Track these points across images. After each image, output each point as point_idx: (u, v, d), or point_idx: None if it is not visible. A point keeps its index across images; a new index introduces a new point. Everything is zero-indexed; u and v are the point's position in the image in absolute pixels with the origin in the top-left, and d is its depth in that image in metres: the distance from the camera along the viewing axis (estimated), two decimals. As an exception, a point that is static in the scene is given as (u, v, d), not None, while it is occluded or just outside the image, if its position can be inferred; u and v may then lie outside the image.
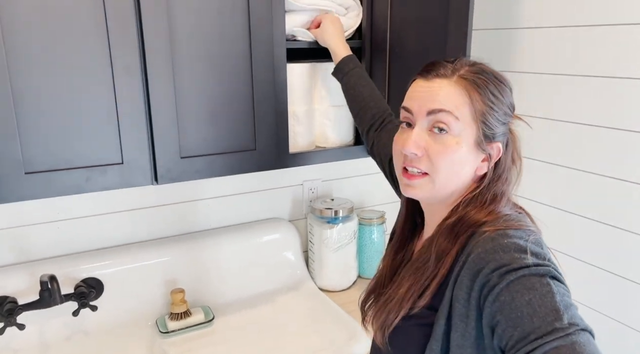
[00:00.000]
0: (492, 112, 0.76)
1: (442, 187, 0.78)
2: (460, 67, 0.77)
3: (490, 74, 0.78)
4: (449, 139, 0.76)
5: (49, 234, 1.33)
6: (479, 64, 0.79)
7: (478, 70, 0.77)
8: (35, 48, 0.95)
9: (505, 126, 0.78)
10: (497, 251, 0.69)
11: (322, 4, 1.26)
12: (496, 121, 0.76)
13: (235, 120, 1.18)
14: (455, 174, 0.78)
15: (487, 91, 0.76)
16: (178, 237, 1.48)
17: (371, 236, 1.65)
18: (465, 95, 0.75)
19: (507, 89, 0.79)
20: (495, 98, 0.76)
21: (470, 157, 0.77)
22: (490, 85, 0.76)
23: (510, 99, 0.79)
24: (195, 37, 1.09)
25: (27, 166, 0.98)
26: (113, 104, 1.03)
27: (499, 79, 0.78)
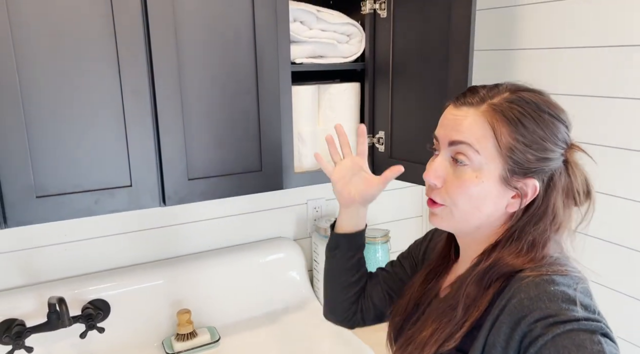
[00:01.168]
0: (523, 147, 0.69)
1: (463, 220, 0.74)
2: (496, 94, 0.71)
3: (531, 104, 0.70)
4: (467, 173, 0.71)
5: (56, 256, 1.34)
6: (522, 91, 0.72)
7: (515, 100, 0.70)
8: (47, 74, 0.97)
9: (546, 162, 0.70)
10: (542, 299, 0.63)
11: (324, 35, 1.29)
12: (530, 156, 0.69)
13: (241, 142, 1.20)
14: (475, 209, 0.72)
15: (518, 124, 0.69)
16: (184, 258, 1.49)
17: (375, 255, 1.66)
18: (489, 127, 0.69)
19: (554, 122, 0.70)
20: (529, 132, 0.69)
21: (494, 192, 0.71)
22: (525, 117, 0.69)
23: (559, 132, 0.70)
24: (202, 62, 1.11)
25: (39, 190, 1.00)
26: (122, 128, 1.05)
27: (542, 110, 0.70)
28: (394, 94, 1.33)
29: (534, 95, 0.72)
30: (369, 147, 1.42)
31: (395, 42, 1.30)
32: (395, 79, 1.32)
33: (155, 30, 1.05)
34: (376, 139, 1.40)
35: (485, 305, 0.69)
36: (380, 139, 1.39)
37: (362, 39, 1.35)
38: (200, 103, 1.13)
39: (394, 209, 1.83)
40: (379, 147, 1.39)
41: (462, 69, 1.14)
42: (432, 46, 1.21)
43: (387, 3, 1.29)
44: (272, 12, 1.16)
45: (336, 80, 1.46)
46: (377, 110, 1.39)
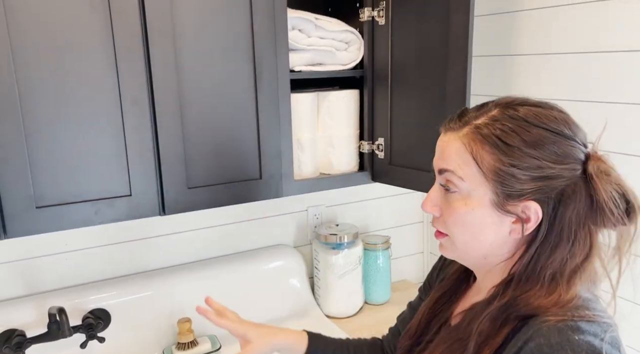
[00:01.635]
0: (510, 169, 0.63)
1: (466, 250, 0.70)
2: (482, 114, 0.67)
3: (518, 120, 0.64)
4: (456, 200, 0.67)
5: (56, 266, 1.34)
6: (514, 106, 0.66)
7: (500, 117, 0.65)
8: (45, 84, 0.97)
9: (546, 181, 0.63)
10: (564, 349, 0.57)
11: (322, 43, 1.29)
12: (522, 176, 0.63)
13: (240, 150, 1.20)
14: (473, 238, 0.68)
15: (500, 143, 0.63)
16: (184, 266, 1.48)
17: (376, 261, 1.66)
18: (467, 152, 0.65)
19: (549, 136, 0.63)
20: (514, 150, 0.62)
21: (489, 219, 0.66)
22: (508, 135, 0.63)
23: (559, 147, 0.63)
24: (201, 71, 1.11)
25: (38, 200, 1.00)
26: (122, 137, 1.06)
27: (531, 125, 0.63)
28: (393, 101, 1.33)
29: (527, 109, 0.65)
30: (369, 154, 1.42)
31: (394, 49, 1.30)
32: (394, 86, 1.32)
33: (154, 40, 1.05)
34: (375, 145, 1.40)
35: (499, 343, 0.64)
36: (379, 146, 1.39)
37: (361, 46, 1.35)
38: (199, 112, 1.13)
39: (395, 215, 1.83)
40: (378, 154, 1.39)
41: (461, 75, 1.14)
42: (430, 53, 1.21)
43: (385, 10, 1.29)
44: (271, 21, 1.16)
45: (335, 87, 1.46)
46: (376, 116, 1.39)
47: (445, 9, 1.14)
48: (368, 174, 1.43)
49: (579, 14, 1.25)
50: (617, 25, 1.18)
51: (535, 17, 1.35)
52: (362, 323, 1.57)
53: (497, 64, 1.47)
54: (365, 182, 1.43)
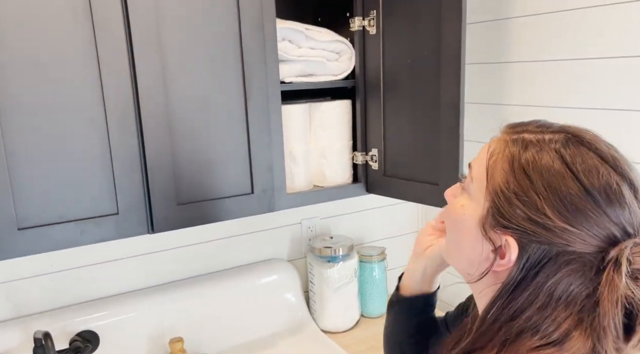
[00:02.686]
0: (511, 195, 0.55)
1: (450, 253, 0.66)
2: (542, 130, 0.58)
3: (560, 157, 0.54)
4: (461, 197, 0.63)
5: (42, 287, 1.29)
6: (575, 140, 0.55)
7: (547, 143, 0.55)
8: (27, 102, 0.94)
9: (541, 229, 0.53)
10: None
11: (313, 54, 1.27)
12: (518, 209, 0.54)
13: (231, 164, 1.17)
14: (456, 243, 0.63)
15: (518, 167, 0.55)
16: (174, 284, 1.44)
17: (372, 274, 1.63)
18: (486, 158, 0.59)
19: (579, 191, 0.52)
20: (527, 181, 0.54)
21: (473, 233, 0.59)
22: (536, 166, 0.54)
23: (572, 204, 0.52)
24: (190, 83, 1.09)
25: (20, 221, 0.96)
26: (107, 154, 1.02)
27: (570, 169, 0.53)
28: (386, 111, 1.31)
29: (584, 153, 0.54)
30: (363, 165, 1.39)
31: (386, 58, 1.28)
32: (387, 96, 1.30)
33: (140, 53, 1.02)
34: (369, 156, 1.37)
35: None
36: (373, 157, 1.36)
37: (352, 56, 1.33)
38: (188, 126, 1.10)
39: (390, 226, 1.80)
40: (372, 165, 1.37)
41: (454, 84, 1.12)
42: (423, 61, 1.19)
43: (376, 20, 1.27)
44: (260, 32, 1.14)
45: (327, 97, 1.44)
46: (369, 127, 1.37)
47: (437, 18, 1.13)
48: (362, 185, 1.40)
49: (572, 21, 1.23)
50: (611, 31, 1.17)
51: (528, 25, 1.33)
52: (359, 337, 1.54)
53: (489, 72, 1.46)
54: (360, 194, 1.41)
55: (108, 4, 0.98)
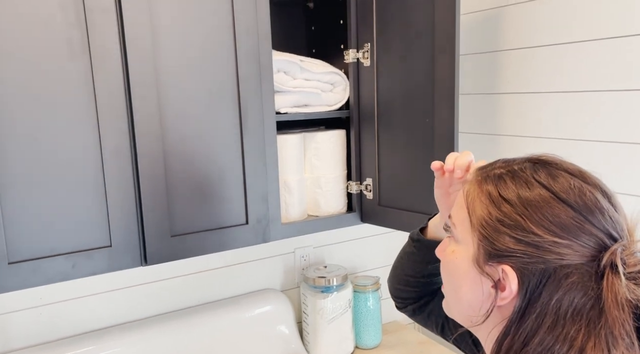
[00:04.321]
0: (496, 223, 0.55)
1: (451, 305, 0.65)
2: (509, 163, 0.60)
3: (530, 176, 0.56)
4: (449, 245, 0.63)
5: (30, 321, 1.26)
6: (545, 163, 0.58)
7: (517, 169, 0.58)
8: (21, 134, 0.93)
9: (534, 249, 0.53)
10: None
11: (308, 85, 1.28)
12: (507, 237, 0.55)
13: (226, 195, 1.16)
14: (454, 292, 0.62)
15: (496, 193, 0.57)
16: (166, 316, 1.42)
17: (367, 304, 1.61)
18: (464, 196, 0.60)
19: (555, 204, 0.54)
20: (507, 204, 0.55)
21: (470, 275, 0.59)
22: (510, 188, 0.56)
23: (557, 217, 0.53)
24: (185, 116, 1.09)
25: (11, 256, 0.94)
26: (102, 186, 1.01)
27: (544, 185, 0.55)
28: (380, 141, 1.31)
29: (551, 171, 0.57)
30: (358, 195, 1.39)
31: (380, 89, 1.29)
32: (381, 126, 1.31)
33: (137, 87, 1.02)
34: (364, 186, 1.38)
35: None
36: (367, 186, 1.36)
37: (346, 87, 1.35)
38: (183, 157, 1.09)
39: (383, 254, 1.79)
40: (367, 194, 1.37)
41: (448, 115, 1.14)
42: (417, 93, 1.20)
43: (370, 52, 1.29)
44: (256, 64, 1.15)
45: (321, 127, 1.45)
46: (364, 157, 1.37)
47: (430, 50, 1.15)
48: (357, 215, 1.40)
49: (560, 54, 1.26)
50: (596, 64, 1.19)
51: (517, 57, 1.36)
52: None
53: (481, 102, 1.48)
54: (355, 223, 1.40)
55: (105, 38, 0.98)
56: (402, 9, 1.20)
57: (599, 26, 1.18)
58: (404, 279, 0.90)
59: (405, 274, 0.90)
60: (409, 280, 0.89)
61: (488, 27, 1.43)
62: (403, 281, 0.90)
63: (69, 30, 0.95)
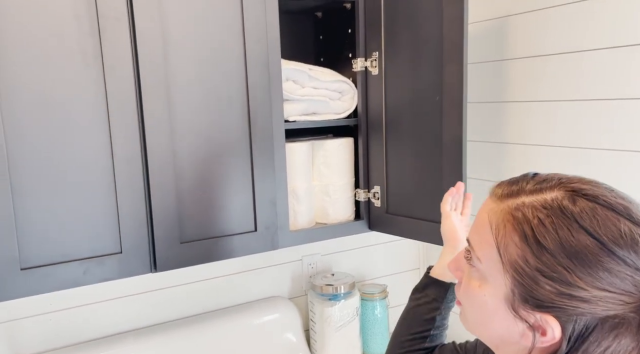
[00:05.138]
0: (534, 273, 0.51)
1: (476, 330, 0.61)
2: (539, 190, 0.54)
3: (570, 217, 0.51)
4: (474, 278, 0.58)
5: (41, 327, 1.27)
6: (581, 195, 0.52)
7: (552, 205, 0.52)
8: (35, 141, 0.95)
9: (576, 302, 0.50)
10: None
11: (316, 93, 1.29)
12: (548, 286, 0.51)
13: (235, 202, 1.17)
14: (482, 325, 0.59)
15: (532, 240, 0.51)
16: (174, 323, 1.42)
17: (374, 312, 1.60)
18: (492, 233, 0.54)
19: (604, 252, 0.49)
20: (547, 254, 0.50)
21: (500, 313, 0.55)
22: (549, 234, 0.50)
23: (603, 269, 0.49)
24: (195, 125, 1.10)
25: (23, 262, 0.95)
26: (113, 193, 1.02)
27: (586, 230, 0.50)
28: (389, 149, 1.32)
29: (592, 206, 0.51)
30: (366, 203, 1.40)
31: (388, 98, 1.30)
32: (389, 134, 1.31)
33: (148, 95, 1.03)
34: (372, 194, 1.38)
35: None
36: (375, 194, 1.37)
37: (354, 95, 1.35)
38: (193, 165, 1.10)
39: (391, 263, 1.79)
40: (375, 202, 1.37)
41: (457, 124, 1.14)
42: (425, 101, 1.21)
43: (378, 61, 1.30)
44: (265, 73, 1.16)
45: (329, 135, 1.46)
46: (372, 165, 1.38)
47: (439, 59, 1.15)
48: (365, 223, 1.41)
49: (567, 62, 1.27)
50: (605, 73, 1.20)
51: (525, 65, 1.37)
52: (361, 378, 1.51)
53: (489, 110, 1.48)
54: (362, 231, 1.41)
55: (118, 46, 1.00)
56: (410, 18, 1.21)
57: (606, 34, 1.19)
58: (407, 343, 0.89)
59: (410, 333, 0.89)
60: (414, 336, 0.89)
61: (495, 36, 1.44)
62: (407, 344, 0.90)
63: (83, 39, 0.97)
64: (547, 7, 1.29)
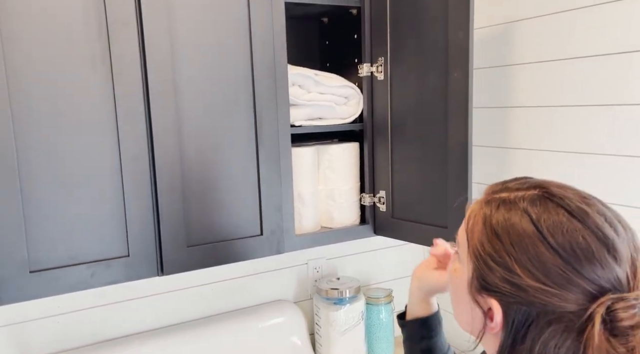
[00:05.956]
0: (487, 257, 0.55)
1: (456, 317, 0.65)
2: (521, 189, 0.58)
3: (530, 214, 0.54)
4: (454, 260, 0.65)
5: (48, 329, 1.28)
6: (550, 198, 0.55)
7: (521, 202, 0.55)
8: (45, 146, 0.96)
9: (517, 290, 0.53)
10: None
11: (322, 98, 1.30)
12: (494, 270, 0.55)
13: (241, 206, 1.17)
14: (456, 307, 0.63)
15: (490, 227, 0.56)
16: (179, 326, 1.43)
17: (379, 316, 1.61)
18: (466, 221, 0.60)
19: (548, 250, 0.52)
20: (498, 241, 0.54)
21: (465, 297, 0.59)
22: (505, 225, 0.55)
23: (542, 264, 0.52)
24: (202, 129, 1.11)
25: (33, 264, 0.96)
26: (121, 197, 1.03)
27: (538, 228, 0.53)
28: (394, 154, 1.33)
29: (555, 211, 0.54)
30: (371, 207, 1.40)
31: (393, 103, 1.31)
32: (395, 139, 1.32)
33: (155, 99, 1.04)
34: (377, 198, 1.38)
35: None
36: (381, 199, 1.37)
37: (360, 100, 1.36)
38: (200, 169, 1.11)
39: (396, 267, 1.79)
40: (380, 206, 1.38)
41: (462, 129, 1.15)
42: (430, 107, 1.22)
43: (383, 66, 1.31)
44: (272, 77, 1.17)
45: (334, 140, 1.46)
46: (377, 169, 1.38)
47: (444, 65, 1.16)
48: (370, 227, 1.41)
49: (573, 67, 1.27)
50: (610, 78, 1.20)
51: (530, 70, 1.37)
52: (366, 382, 1.51)
53: (494, 115, 1.49)
54: (368, 235, 1.41)
55: (126, 50, 1.01)
56: (416, 24, 1.22)
57: (611, 40, 1.19)
58: None
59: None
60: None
61: (500, 42, 1.44)
62: None
63: (92, 43, 0.98)
64: (552, 13, 1.30)
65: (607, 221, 0.53)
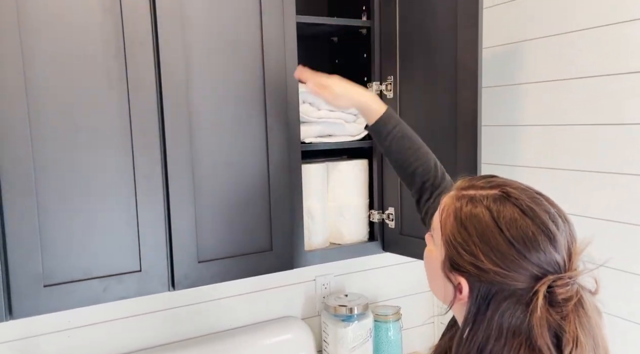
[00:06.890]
0: (456, 244, 0.69)
1: (430, 285, 0.78)
2: (484, 187, 0.71)
3: (491, 211, 0.67)
4: (430, 241, 0.77)
5: (59, 344, 1.28)
6: (508, 198, 0.68)
7: (483, 200, 0.68)
8: (61, 161, 0.98)
9: (477, 271, 0.67)
10: None
11: (332, 115, 1.32)
12: (462, 255, 0.68)
13: (251, 222, 1.19)
14: (431, 280, 0.77)
15: (459, 221, 0.69)
16: (188, 342, 1.43)
17: (387, 334, 1.60)
18: (439, 212, 0.72)
19: (504, 240, 0.65)
20: (465, 233, 0.68)
21: (439, 274, 0.72)
22: (471, 220, 0.68)
23: (499, 251, 0.65)
24: (215, 146, 1.12)
25: (47, 278, 0.97)
26: (134, 212, 1.05)
27: (496, 222, 0.66)
28: (403, 171, 1.33)
29: (511, 209, 0.67)
30: (380, 224, 1.41)
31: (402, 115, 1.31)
32: (404, 156, 1.33)
33: (170, 117, 1.07)
34: (386, 215, 1.39)
35: None
36: (390, 215, 1.38)
37: (369, 118, 1.38)
38: (211, 185, 1.13)
39: (404, 284, 1.79)
40: (389, 223, 1.38)
41: (471, 148, 1.16)
42: (439, 125, 1.23)
43: (393, 85, 1.33)
44: (283, 95, 1.19)
45: (343, 156, 1.48)
46: (386, 186, 1.39)
47: (453, 84, 1.17)
48: (379, 243, 1.41)
49: (580, 87, 1.28)
50: (618, 97, 1.21)
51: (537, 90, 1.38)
52: (374, 400, 1.50)
53: (501, 133, 1.50)
54: (376, 252, 1.41)
55: (142, 68, 1.03)
56: (425, 43, 1.24)
57: (619, 59, 1.20)
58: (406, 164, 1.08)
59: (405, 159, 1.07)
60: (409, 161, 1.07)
61: (508, 61, 1.46)
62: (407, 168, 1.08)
63: (109, 62, 1.01)
64: (560, 34, 1.32)
65: (551, 218, 0.67)
